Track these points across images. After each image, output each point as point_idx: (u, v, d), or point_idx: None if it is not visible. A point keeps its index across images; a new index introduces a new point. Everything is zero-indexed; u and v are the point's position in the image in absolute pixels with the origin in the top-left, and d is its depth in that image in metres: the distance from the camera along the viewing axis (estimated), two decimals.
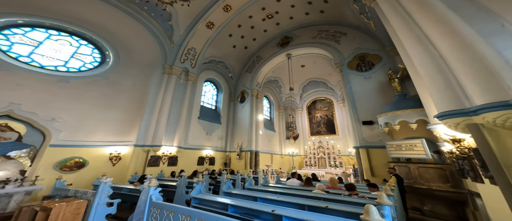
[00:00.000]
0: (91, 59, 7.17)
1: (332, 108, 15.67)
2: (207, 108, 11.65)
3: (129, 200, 4.44)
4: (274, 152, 14.34)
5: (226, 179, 4.57)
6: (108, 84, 6.98)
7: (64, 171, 5.54)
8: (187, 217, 2.13)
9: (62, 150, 5.57)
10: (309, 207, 2.68)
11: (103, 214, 3.24)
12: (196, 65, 10.21)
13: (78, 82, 6.22)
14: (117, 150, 6.82)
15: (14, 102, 4.85)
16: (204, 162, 10.01)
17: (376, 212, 1.23)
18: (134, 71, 7.98)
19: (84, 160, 5.99)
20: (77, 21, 6.70)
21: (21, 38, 5.82)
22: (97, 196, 3.19)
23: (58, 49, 6.44)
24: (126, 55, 7.81)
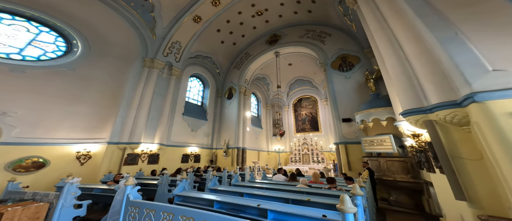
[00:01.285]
0: (53, 47, 6.25)
1: (316, 106, 16.17)
2: (192, 104, 11.17)
3: (102, 201, 4.09)
4: (261, 149, 14.41)
5: (211, 176, 4.41)
6: (75, 76, 6.19)
7: (19, 172, 4.82)
8: (170, 214, 2.01)
9: (15, 148, 4.82)
10: (293, 201, 2.74)
11: (69, 217, 2.92)
12: (181, 60, 9.63)
13: (36, 72, 5.38)
14: (86, 148, 6.15)
15: None
16: (189, 159, 9.61)
17: (350, 201, 1.31)
18: (108, 63, 7.20)
19: (44, 160, 5.27)
20: (37, 6, 5.74)
21: None
22: (62, 198, 2.86)
23: (12, 35, 5.47)
24: (98, 45, 6.99)
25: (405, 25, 2.93)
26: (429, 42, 2.53)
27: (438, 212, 4.00)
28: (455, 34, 2.36)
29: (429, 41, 2.54)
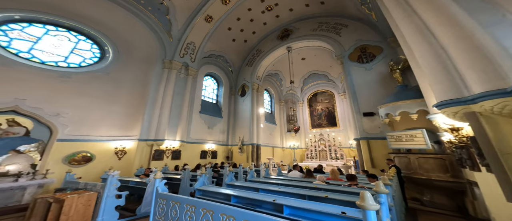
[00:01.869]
0: (90, 54, 7.15)
1: (333, 100, 15.65)
2: (208, 102, 11.71)
3: (136, 193, 4.62)
4: (276, 145, 14.51)
5: (228, 172, 4.64)
6: (109, 79, 7.02)
7: (73, 165, 5.70)
8: (192, 207, 2.20)
9: (69, 144, 5.70)
10: (309, 197, 2.73)
11: (112, 206, 3.43)
12: (196, 60, 10.16)
13: (79, 77, 6.26)
14: (122, 144, 6.94)
15: (19, 98, 4.92)
16: (206, 155, 10.19)
17: (371, 198, 1.26)
18: (134, 66, 7.98)
19: (91, 154, 6.14)
20: (74, 16, 6.62)
21: (20, 33, 5.78)
22: (106, 188, 3.37)
23: (57, 45, 6.41)
24: (125, 50, 7.78)
25: (437, 10, 2.70)
26: (469, 26, 2.31)
27: (486, 215, 3.58)
28: (503, 15, 2.15)
29: (468, 26, 2.31)
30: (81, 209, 3.17)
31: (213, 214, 1.99)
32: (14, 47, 5.55)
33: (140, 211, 3.86)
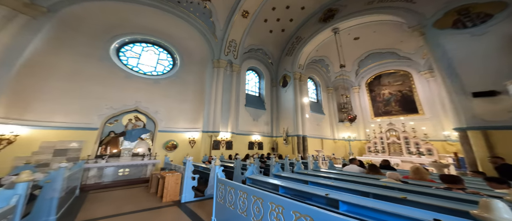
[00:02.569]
0: (167, 63, 9.68)
1: (409, 81, 12.07)
2: (251, 96, 12.56)
3: (204, 177, 5.65)
4: (325, 137, 13.33)
5: (274, 163, 4.86)
6: (180, 82, 9.24)
7: (168, 150, 8.09)
8: (244, 193, 2.39)
9: (164, 134, 8.16)
10: (376, 196, 2.33)
11: (190, 185, 4.48)
12: (238, 56, 11.04)
13: (164, 82, 8.71)
14: (192, 135, 9.02)
15: (137, 100, 7.62)
16: (253, 146, 11.12)
17: (507, 209, 0.94)
18: (194, 68, 9.93)
19: (176, 143, 8.44)
20: (154, 33, 8.78)
21: (130, 53, 8.64)
22: (186, 171, 4.45)
23: (149, 58, 9.19)
24: (187, 55, 9.82)
25: None
26: None
27: None
28: None
29: None
30: (174, 185, 4.34)
31: (262, 202, 2.10)
32: (129, 63, 8.42)
33: (207, 193, 4.65)
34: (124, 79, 7.47)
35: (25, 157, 5.16)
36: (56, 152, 5.68)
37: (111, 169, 5.99)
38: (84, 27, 6.86)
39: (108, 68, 7.16)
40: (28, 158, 5.20)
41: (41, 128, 5.61)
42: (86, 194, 4.81)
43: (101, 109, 6.66)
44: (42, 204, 2.87)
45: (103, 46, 7.25)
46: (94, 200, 4.28)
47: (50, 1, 5.68)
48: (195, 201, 4.23)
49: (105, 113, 6.73)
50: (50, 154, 5.58)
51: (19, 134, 5.18)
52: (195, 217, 3.32)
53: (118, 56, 7.90)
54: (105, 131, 6.63)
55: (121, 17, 7.61)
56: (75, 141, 6.00)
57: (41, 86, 5.84)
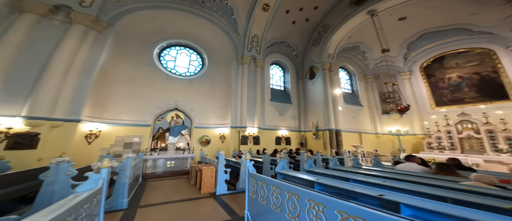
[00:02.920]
0: (197, 63, 10.63)
1: (491, 60, 9.25)
2: (276, 90, 12.34)
3: (234, 171, 5.82)
4: (364, 131, 11.75)
5: (306, 158, 4.66)
6: (209, 81, 10.02)
7: (202, 145, 9.00)
8: (277, 188, 2.29)
9: (199, 130, 9.10)
10: (458, 202, 1.79)
11: (223, 179, 4.69)
12: (261, 51, 11.00)
13: (196, 82, 9.65)
14: (222, 131, 9.71)
15: (177, 99, 8.76)
16: (280, 141, 10.96)
17: None
18: (220, 66, 10.51)
19: (209, 138, 9.30)
20: (183, 35, 9.50)
21: (168, 57, 9.90)
22: (219, 164, 4.67)
23: (183, 60, 10.31)
24: (213, 55, 10.49)
25: None
26: None
27: None
28: None
29: None
30: (210, 178, 4.62)
31: (298, 198, 1.97)
32: (168, 66, 9.69)
33: (239, 187, 4.76)
34: (165, 81, 8.69)
35: (106, 148, 6.77)
36: (125, 144, 7.12)
37: (162, 161, 7.10)
38: (133, 37, 8.05)
39: (153, 72, 8.45)
40: (108, 149, 6.78)
41: (114, 125, 7.08)
42: (146, 182, 5.83)
43: (151, 108, 7.90)
44: (118, 188, 3.51)
45: (148, 53, 8.49)
46: (151, 188, 5.10)
47: (108, 16, 6.79)
48: (228, 194, 4.42)
49: (154, 111, 7.94)
50: (121, 146, 7.10)
51: (101, 130, 6.79)
52: (229, 210, 3.48)
53: (159, 60, 9.20)
54: (155, 127, 7.97)
55: (158, 24, 8.63)
56: (137, 136, 7.43)
57: (111, 91, 7.23)
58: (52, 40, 5.60)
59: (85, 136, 6.34)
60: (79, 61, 5.93)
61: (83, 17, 6.13)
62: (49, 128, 5.19)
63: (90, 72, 6.25)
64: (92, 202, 1.80)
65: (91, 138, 6.50)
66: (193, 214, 3.27)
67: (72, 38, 5.86)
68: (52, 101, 5.30)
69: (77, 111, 5.83)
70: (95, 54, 6.41)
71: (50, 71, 5.35)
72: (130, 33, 7.93)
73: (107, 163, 2.18)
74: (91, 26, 6.31)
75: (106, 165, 2.17)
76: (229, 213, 3.34)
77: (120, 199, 3.45)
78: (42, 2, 5.54)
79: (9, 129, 4.74)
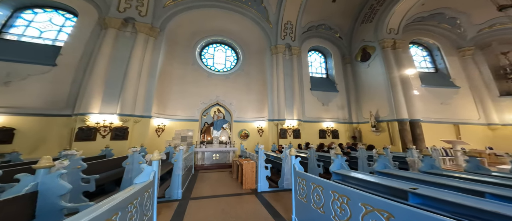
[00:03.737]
0: (233, 58, 10.86)
1: None
2: (317, 78, 10.91)
3: (275, 166, 5.29)
4: (463, 120, 8.14)
5: (376, 155, 3.46)
6: (244, 74, 9.98)
7: (242, 139, 9.11)
8: (343, 197, 1.71)
9: (238, 124, 9.25)
10: None
11: (264, 175, 4.18)
12: (296, 38, 10.04)
13: (232, 77, 9.84)
14: (260, 124, 9.44)
15: (217, 95, 9.28)
16: (326, 135, 9.48)
17: None
18: (254, 59, 10.26)
19: (247, 132, 9.30)
20: (218, 32, 9.79)
21: (207, 55, 10.56)
22: (259, 159, 4.27)
23: (220, 56, 10.79)
24: (246, 48, 10.37)
25: None
26: None
27: None
28: None
29: None
30: (250, 173, 4.39)
31: (393, 219, 1.27)
32: (208, 64, 10.27)
33: (282, 184, 4.34)
34: (206, 78, 9.34)
35: (169, 141, 7.94)
36: (182, 138, 8.00)
37: (209, 154, 7.65)
38: (179, 40, 8.73)
39: (196, 70, 9.19)
40: (170, 142, 7.93)
41: (173, 120, 7.94)
42: (197, 173, 6.34)
43: (197, 104, 8.53)
44: (174, 178, 3.65)
45: (191, 53, 9.19)
46: (201, 180, 5.38)
47: (159, 22, 7.55)
48: (270, 192, 4.11)
49: (200, 107, 8.53)
50: (179, 139, 8.19)
51: (165, 125, 8.03)
52: (271, 210, 3.16)
53: (200, 59, 9.98)
54: (202, 122, 8.73)
55: (196, 24, 9.10)
56: (189, 130, 8.35)
57: (168, 90, 8.05)
58: (127, 49, 6.69)
59: (155, 130, 7.57)
60: (145, 65, 6.94)
61: (143, 25, 7.07)
62: (133, 123, 6.47)
63: (153, 75, 7.15)
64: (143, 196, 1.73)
65: (159, 131, 7.70)
66: (237, 213, 3.06)
67: (139, 46, 6.87)
68: (132, 100, 6.44)
69: (148, 109, 6.81)
70: (154, 58, 7.36)
71: (129, 76, 6.45)
72: (176, 36, 8.85)
73: (157, 156, 2.25)
74: (149, 33, 7.23)
75: (156, 157, 2.23)
76: (273, 215, 2.94)
77: (175, 190, 3.63)
78: (116, 17, 6.71)
79: (111, 123, 6.14)
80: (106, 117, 5.99)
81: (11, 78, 5.43)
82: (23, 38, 6.46)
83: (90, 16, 7.00)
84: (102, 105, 5.99)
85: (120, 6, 6.85)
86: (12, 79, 5.46)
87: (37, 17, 6.95)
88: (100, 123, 5.91)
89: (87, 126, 5.71)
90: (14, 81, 5.48)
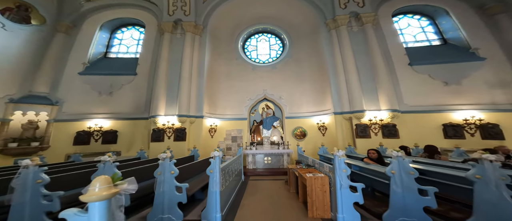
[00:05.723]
0: (277, 47, 9.57)
1: None
2: (423, 48, 7.14)
3: (367, 184, 3.10)
4: None
5: None
6: (293, 62, 8.32)
7: (297, 139, 7.27)
8: None
9: (291, 121, 7.55)
10: None
11: (349, 200, 2.53)
12: (366, 1, 7.42)
13: (279, 66, 8.42)
14: (320, 119, 7.18)
15: (264, 89, 8.16)
16: (461, 132, 5.32)
17: None
18: (304, 42, 8.42)
19: (304, 130, 7.33)
20: (259, 20, 8.73)
21: (250, 47, 9.79)
22: (337, 175, 2.64)
23: (263, 47, 9.77)
24: (293, 31, 8.76)
25: None
26: None
27: None
28: None
29: None
30: (320, 194, 2.84)
31: None
32: (252, 57, 9.06)
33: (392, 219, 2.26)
34: (251, 71, 8.49)
35: (221, 142, 7.68)
36: (232, 138, 7.36)
37: (260, 156, 6.62)
38: (221, 35, 8.35)
39: (241, 64, 8.39)
40: (221, 143, 7.63)
41: (223, 120, 7.42)
42: (247, 179, 5.36)
43: (245, 101, 7.72)
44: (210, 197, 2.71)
45: (234, 47, 8.53)
46: (251, 191, 4.25)
47: (201, 19, 7.48)
48: None
49: (248, 104, 7.66)
50: (230, 140, 7.67)
51: (217, 125, 7.67)
52: None
53: (244, 52, 9.40)
54: (250, 120, 7.87)
55: (236, 15, 8.45)
56: (238, 129, 7.71)
57: (216, 88, 7.64)
58: (180, 50, 6.92)
59: (208, 131, 7.52)
60: (194, 64, 6.94)
61: (189, 24, 7.15)
62: (189, 124, 6.65)
63: (202, 73, 7.05)
64: None
65: (212, 132, 7.58)
66: None
67: (188, 45, 6.98)
68: (187, 100, 6.48)
69: (200, 108, 6.68)
70: (201, 56, 7.23)
71: (182, 76, 6.61)
72: (218, 32, 8.73)
73: None
74: (194, 32, 7.27)
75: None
76: None
77: (213, 213, 2.54)
78: (168, 21, 7.16)
79: (173, 125, 6.49)
80: (169, 119, 6.37)
81: (113, 89, 7.13)
82: (119, 55, 8.18)
83: (152, 25, 7.86)
84: (166, 107, 6.47)
85: (169, 9, 7.62)
86: (113, 89, 7.05)
87: (124, 35, 8.69)
88: (165, 124, 6.33)
89: (157, 127, 6.25)
90: (114, 91, 7.15)
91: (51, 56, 7.00)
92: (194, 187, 3.19)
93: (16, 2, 6.42)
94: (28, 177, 2.16)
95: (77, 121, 6.57)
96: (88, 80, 7.07)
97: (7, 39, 6.14)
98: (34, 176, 2.17)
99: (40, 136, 6.11)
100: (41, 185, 2.18)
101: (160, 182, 2.55)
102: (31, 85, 6.48)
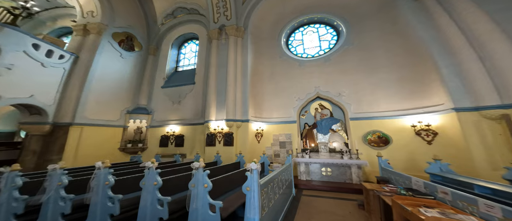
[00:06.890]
0: (329, 36, 8.04)
1: None
2: None
3: None
4: None
5: None
6: (354, 49, 6.72)
7: (373, 147, 5.50)
8: None
9: (359, 123, 5.83)
10: None
11: None
12: None
13: (334, 58, 6.96)
14: (418, 119, 4.93)
15: (316, 86, 6.95)
16: None
17: None
18: (372, 21, 6.61)
19: (384, 134, 5.40)
20: (303, 10, 8.07)
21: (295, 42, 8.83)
22: None
23: (311, 39, 8.47)
24: (350, 14, 7.18)
25: None
26: None
27: None
28: None
29: None
30: None
31: None
32: (298, 52, 8.22)
33: None
34: (298, 68, 7.56)
35: (267, 147, 6.75)
36: (280, 144, 6.67)
37: (316, 166, 5.64)
38: (262, 34, 8.17)
39: (286, 62, 7.64)
40: (268, 149, 6.69)
41: (270, 124, 6.90)
42: (300, 194, 4.53)
43: (293, 102, 6.94)
44: None
45: (277, 45, 8.05)
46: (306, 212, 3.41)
47: (241, 21, 7.50)
48: None
49: (296, 105, 6.85)
50: (278, 146, 6.74)
51: (263, 129, 6.87)
52: None
53: (288, 49, 8.64)
54: (301, 123, 6.69)
55: (276, 11, 8.18)
56: (286, 134, 6.72)
57: (261, 89, 7.36)
58: (225, 55, 7.05)
59: (255, 135, 6.91)
60: (238, 67, 6.92)
61: (231, 28, 7.31)
62: (236, 128, 6.59)
63: (245, 75, 6.91)
64: None
65: (258, 137, 7.17)
66: None
67: (231, 49, 7.11)
68: (233, 104, 6.41)
69: (245, 112, 6.46)
70: (244, 58, 7.15)
71: (228, 80, 6.69)
72: (260, 31, 8.49)
73: None
74: (236, 35, 7.38)
75: None
76: None
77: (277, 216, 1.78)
78: (214, 28, 7.56)
79: (222, 129, 6.74)
80: (219, 123, 6.55)
81: (180, 98, 7.90)
82: (184, 68, 9.33)
83: (203, 36, 8.48)
84: (216, 112, 6.74)
85: (214, 17, 8.04)
86: (181, 98, 7.90)
87: (186, 49, 9.93)
88: (216, 129, 6.53)
89: (210, 132, 6.55)
90: (181, 100, 7.93)
91: (146, 74, 8.75)
92: (234, 203, 2.68)
93: (126, 34, 8.32)
94: (100, 178, 2.38)
95: (161, 127, 7.75)
96: (166, 92, 8.33)
97: (123, 64, 7.99)
98: (104, 177, 2.37)
99: (143, 139, 8.12)
100: (108, 187, 2.35)
101: (193, 197, 2.16)
102: (138, 99, 8.29)
